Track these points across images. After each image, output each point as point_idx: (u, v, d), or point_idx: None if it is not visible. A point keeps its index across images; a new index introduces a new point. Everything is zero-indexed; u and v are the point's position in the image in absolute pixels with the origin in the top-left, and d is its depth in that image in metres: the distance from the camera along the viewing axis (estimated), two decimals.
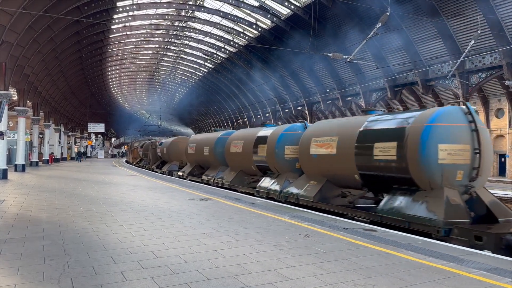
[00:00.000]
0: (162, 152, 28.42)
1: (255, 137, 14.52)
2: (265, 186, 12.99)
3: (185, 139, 26.72)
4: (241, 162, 15.39)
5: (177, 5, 36.30)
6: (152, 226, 7.49)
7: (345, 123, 10.68)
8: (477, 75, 25.30)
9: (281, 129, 13.29)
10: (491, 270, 4.94)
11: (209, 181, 17.50)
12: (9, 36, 19.59)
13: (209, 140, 18.61)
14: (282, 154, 12.62)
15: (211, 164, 18.39)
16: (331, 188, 10.70)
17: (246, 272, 4.72)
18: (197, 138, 21.21)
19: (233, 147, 15.84)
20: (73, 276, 4.47)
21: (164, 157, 28.46)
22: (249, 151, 14.60)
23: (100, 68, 47.45)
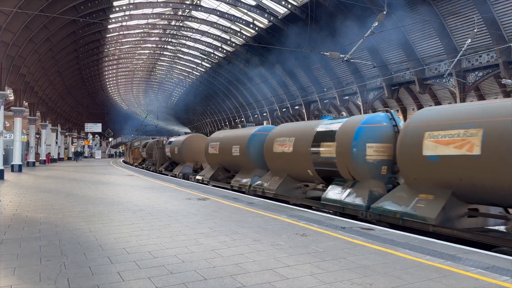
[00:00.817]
0: (172, 152, 25.13)
1: (313, 132, 11.38)
2: (336, 198, 9.95)
3: (201, 137, 24.24)
4: (291, 165, 12.24)
5: (174, 4, 36.23)
6: (149, 226, 7.48)
7: None
8: (473, 73, 25.36)
9: (357, 121, 10.12)
10: (489, 268, 4.95)
11: (241, 188, 14.47)
12: (5, 36, 19.51)
13: (239, 137, 15.64)
14: (362, 154, 9.49)
15: (243, 166, 15.32)
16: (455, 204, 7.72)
17: (243, 272, 4.71)
18: (220, 136, 17.99)
19: (278, 146, 12.77)
20: (69, 277, 4.45)
21: (175, 157, 25.18)
22: (304, 151, 11.49)
23: (97, 67, 47.34)
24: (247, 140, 14.75)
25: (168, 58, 55.02)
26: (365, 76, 33.09)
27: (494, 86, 27.91)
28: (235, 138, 16.09)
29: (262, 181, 13.41)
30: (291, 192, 12.28)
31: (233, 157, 15.77)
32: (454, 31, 24.65)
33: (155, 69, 62.39)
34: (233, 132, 17.64)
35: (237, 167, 16.10)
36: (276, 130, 13.79)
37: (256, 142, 14.51)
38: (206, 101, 64.84)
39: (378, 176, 9.53)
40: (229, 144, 16.21)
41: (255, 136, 14.75)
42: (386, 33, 25.20)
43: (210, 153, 18.27)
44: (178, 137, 27.45)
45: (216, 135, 18.96)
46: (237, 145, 15.42)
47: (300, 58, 35.53)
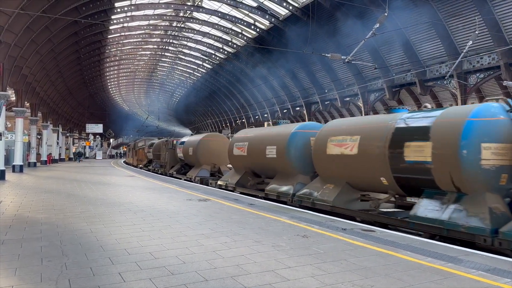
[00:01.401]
0: (186, 153, 22.66)
1: (390, 129, 8.77)
2: (435, 216, 7.48)
3: (219, 137, 21.93)
4: (353, 170, 9.84)
5: (176, 5, 36.26)
6: (150, 227, 7.48)
7: None
8: (475, 75, 25.33)
9: (461, 113, 7.66)
10: (490, 270, 4.95)
11: (280, 197, 12.06)
12: (7, 37, 19.55)
13: (275, 136, 13.17)
14: (475, 158, 7.13)
15: (280, 171, 12.84)
16: None
17: (244, 273, 4.71)
18: (249, 135, 15.38)
19: (334, 146, 10.27)
20: (71, 277, 4.46)
21: (189, 159, 22.68)
22: (375, 153, 8.93)
23: (98, 68, 47.37)
24: (287, 140, 12.27)
25: (170, 59, 55.06)
26: (366, 77, 33.09)
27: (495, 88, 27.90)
28: (269, 138, 13.59)
29: (310, 190, 10.98)
30: (351, 204, 9.93)
31: (267, 160, 13.27)
32: (456, 32, 24.65)
33: (157, 70, 62.43)
34: (266, 130, 14.99)
35: (271, 172, 13.63)
36: (329, 127, 11.19)
37: (298, 142, 12.11)
38: (207, 102, 64.88)
39: (495, 188, 7.15)
40: (261, 144, 13.77)
41: (296, 134, 12.27)
42: (388, 34, 25.19)
43: (236, 155, 15.65)
44: (192, 136, 24.51)
45: (242, 134, 16.25)
46: (273, 145, 12.97)
47: (301, 60, 35.55)
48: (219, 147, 20.20)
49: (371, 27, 16.68)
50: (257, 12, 33.93)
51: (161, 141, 30.17)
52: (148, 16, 37.13)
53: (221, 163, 20.27)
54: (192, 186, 16.44)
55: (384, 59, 29.97)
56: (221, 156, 19.67)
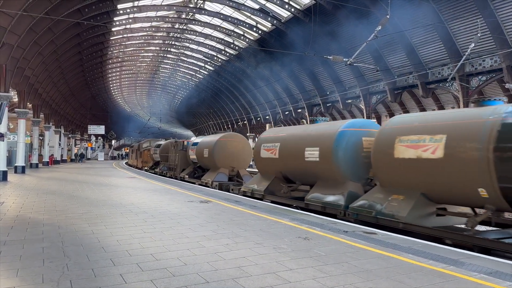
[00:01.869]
0: (200, 155, 20.56)
1: (492, 126, 6.93)
2: None
3: (239, 137, 19.89)
4: (436, 178, 7.77)
5: (178, 7, 36.37)
6: (151, 228, 7.48)
7: None
8: (477, 78, 25.31)
9: None
10: (492, 273, 4.93)
11: (326, 208, 10.25)
12: (10, 38, 19.62)
13: (317, 136, 11.23)
14: None
15: (324, 177, 10.90)
16: None
17: (246, 275, 4.71)
18: (281, 134, 13.34)
19: (408, 148, 8.28)
20: (72, 278, 4.46)
21: (203, 162, 20.63)
22: (473, 157, 7.05)
23: (101, 70, 47.50)
24: (333, 140, 10.31)
25: (172, 61, 55.17)
26: (368, 79, 33.11)
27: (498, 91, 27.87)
28: (309, 138, 11.56)
29: (369, 202, 8.93)
30: (425, 220, 8.03)
31: (306, 164, 11.32)
32: (458, 35, 24.64)
33: (159, 72, 62.57)
34: (302, 129, 12.59)
35: (311, 178, 11.59)
36: (396, 125, 9.04)
37: (348, 143, 10.20)
38: (209, 103, 64.98)
39: None
40: (298, 145, 11.80)
41: (345, 134, 10.30)
42: (390, 37, 25.22)
43: (264, 158, 13.55)
44: (207, 136, 22.09)
45: (272, 134, 14.07)
46: (314, 147, 11.02)
47: (303, 62, 35.58)
48: (238, 148, 18.66)
49: (373, 30, 16.69)
50: (259, 14, 34.00)
51: (170, 142, 28.38)
52: (151, 18, 37.24)
53: (240, 166, 18.77)
54: (193, 188, 16.44)
55: (386, 61, 29.98)
56: (240, 158, 18.47)
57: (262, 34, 37.12)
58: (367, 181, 10.18)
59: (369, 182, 10.12)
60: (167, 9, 35.99)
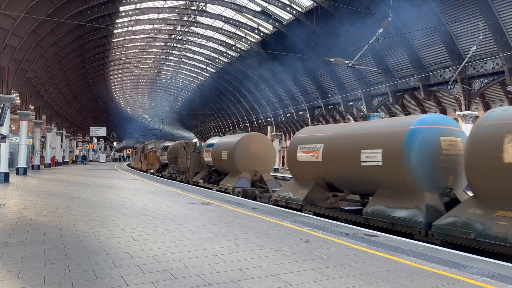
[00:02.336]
0: (217, 158, 18.69)
1: None
2: None
3: (262, 138, 17.99)
4: None
5: (180, 10, 36.44)
6: (153, 230, 7.49)
7: None
8: (478, 80, 25.27)
9: None
10: (494, 276, 4.91)
11: (395, 225, 8.35)
12: (12, 40, 19.69)
13: (377, 135, 9.28)
14: None
15: (388, 186, 8.92)
16: None
17: (247, 277, 4.70)
18: (324, 134, 11.18)
19: None
20: (73, 280, 4.46)
21: (221, 165, 18.70)
22: None
23: (103, 72, 47.63)
24: (403, 140, 8.42)
25: (174, 63, 55.27)
26: (369, 82, 33.10)
27: (500, 93, 27.84)
28: (366, 137, 9.54)
29: (464, 219, 7.02)
30: None
31: (362, 169, 9.34)
32: (459, 37, 24.62)
33: (160, 74, 62.68)
34: (355, 127, 10.41)
35: (368, 186, 9.59)
36: (505, 119, 6.99)
37: (423, 144, 8.28)
38: (211, 105, 65.05)
39: None
40: (351, 146, 9.84)
41: (418, 132, 8.37)
42: (391, 39, 25.22)
43: (302, 162, 11.54)
44: (225, 137, 20.07)
45: (311, 133, 11.98)
46: (374, 148, 9.09)
47: (304, 64, 35.60)
48: (262, 150, 17.02)
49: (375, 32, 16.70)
50: (261, 16, 34.06)
51: (179, 143, 26.40)
52: (153, 20, 37.33)
53: (264, 170, 17.06)
54: (194, 190, 16.45)
55: (387, 63, 29.98)
56: (264, 161, 16.95)
57: (263, 36, 37.18)
58: (445, 191, 8.33)
59: (448, 192, 8.36)
60: (169, 11, 36.07)
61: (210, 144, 20.25)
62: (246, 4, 33.59)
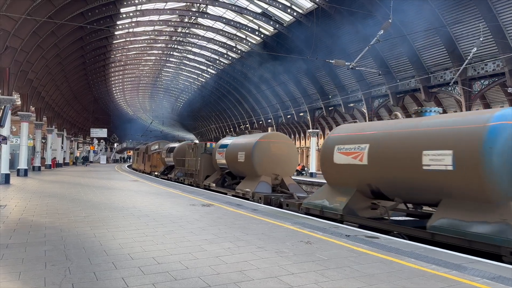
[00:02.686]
0: (232, 160, 17.07)
1: None
2: None
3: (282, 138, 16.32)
4: None
5: (180, 11, 36.51)
6: (153, 231, 7.49)
7: None
8: (479, 82, 25.27)
9: None
10: (494, 278, 4.91)
11: (472, 242, 6.86)
12: (13, 42, 19.73)
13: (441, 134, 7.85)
14: None
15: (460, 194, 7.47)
16: None
17: (247, 279, 4.70)
18: (367, 133, 9.74)
19: None
20: (74, 282, 4.47)
21: (237, 168, 17.02)
22: None
23: (103, 73, 47.69)
24: (481, 139, 6.99)
25: (174, 65, 55.35)
26: (370, 83, 33.11)
27: (500, 95, 27.84)
28: (429, 136, 8.06)
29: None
30: None
31: (424, 174, 7.89)
32: (460, 39, 24.64)
33: (161, 75, 62.77)
34: (410, 124, 8.88)
35: (427, 195, 8.17)
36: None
37: (507, 143, 6.91)
38: (211, 107, 65.10)
39: None
40: (407, 147, 8.37)
41: (502, 130, 7.01)
42: (392, 41, 25.24)
43: (341, 165, 10.07)
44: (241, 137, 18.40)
45: (352, 131, 10.36)
46: (441, 149, 7.60)
47: (305, 65, 35.64)
48: (283, 151, 15.58)
49: (375, 33, 16.71)
50: (262, 18, 34.10)
51: (186, 144, 24.82)
52: (153, 22, 37.38)
53: (285, 174, 15.59)
54: (194, 191, 16.44)
55: (388, 65, 29.99)
56: (286, 163, 15.55)
57: (264, 38, 37.22)
58: None
59: None
60: (170, 13, 36.14)
61: (224, 145, 18.47)
62: (247, 5, 33.66)
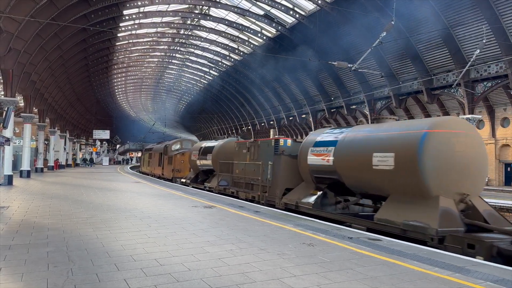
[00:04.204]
0: (352, 167, 10.01)
1: None
2: None
3: (464, 127, 8.49)
4: None
5: (183, 13, 36.61)
6: (156, 233, 7.48)
7: None
8: (482, 84, 25.22)
9: None
10: (498, 281, 4.88)
11: None
12: (17, 44, 19.82)
13: None
14: None
15: None
16: None
17: (250, 281, 4.69)
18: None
19: None
20: (76, 283, 4.46)
21: (360, 179, 9.87)
22: None
23: (106, 75, 47.82)
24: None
25: (177, 66, 55.46)
26: (372, 85, 33.09)
27: (503, 97, 27.76)
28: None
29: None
30: None
31: None
32: (463, 41, 24.60)
33: (164, 77, 62.90)
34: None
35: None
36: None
37: None
38: (213, 108, 65.17)
39: None
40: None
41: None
42: (394, 43, 25.22)
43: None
44: (363, 128, 10.59)
45: None
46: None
47: (307, 67, 35.65)
48: (471, 150, 8.41)
49: (378, 36, 16.71)
50: (264, 20, 34.15)
51: (235, 141, 18.09)
52: (156, 24, 37.48)
53: (475, 192, 8.37)
54: (197, 193, 16.44)
55: (390, 67, 29.95)
56: (475, 173, 8.45)
57: (266, 40, 37.26)
58: None
59: None
60: (173, 15, 36.24)
61: (324, 142, 11.38)
62: (249, 7, 33.70)
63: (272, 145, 14.22)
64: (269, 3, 31.35)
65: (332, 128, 12.48)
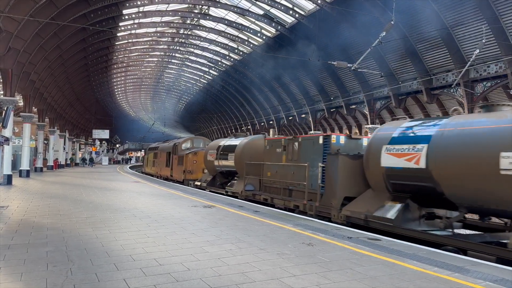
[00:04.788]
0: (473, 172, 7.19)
1: None
2: None
3: None
4: None
5: (183, 13, 36.57)
6: (155, 233, 7.48)
7: None
8: (481, 84, 25.21)
9: None
10: (497, 281, 4.89)
11: None
12: (16, 43, 19.79)
13: None
14: None
15: None
16: None
17: (249, 281, 4.69)
18: None
19: None
20: (76, 283, 4.46)
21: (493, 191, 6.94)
22: None
23: (105, 75, 47.77)
24: None
25: (176, 66, 55.41)
26: (372, 85, 33.08)
27: (503, 97, 27.77)
28: None
29: None
30: None
31: None
32: (462, 41, 24.60)
33: (163, 77, 62.85)
34: None
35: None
36: None
37: None
38: (213, 108, 65.15)
39: None
40: None
41: None
42: (394, 42, 25.21)
43: None
44: (488, 116, 7.78)
45: None
46: None
47: (307, 67, 35.63)
48: None
49: (377, 35, 16.70)
50: (264, 20, 34.13)
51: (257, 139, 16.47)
52: (156, 23, 37.45)
53: None
54: (196, 193, 16.44)
55: (390, 67, 29.96)
56: None
57: (266, 40, 37.25)
58: None
59: None
60: (172, 14, 36.20)
61: (409, 138, 8.83)
62: (249, 7, 33.69)
63: (320, 142, 11.58)
64: (269, 3, 31.32)
65: (412, 120, 9.64)
